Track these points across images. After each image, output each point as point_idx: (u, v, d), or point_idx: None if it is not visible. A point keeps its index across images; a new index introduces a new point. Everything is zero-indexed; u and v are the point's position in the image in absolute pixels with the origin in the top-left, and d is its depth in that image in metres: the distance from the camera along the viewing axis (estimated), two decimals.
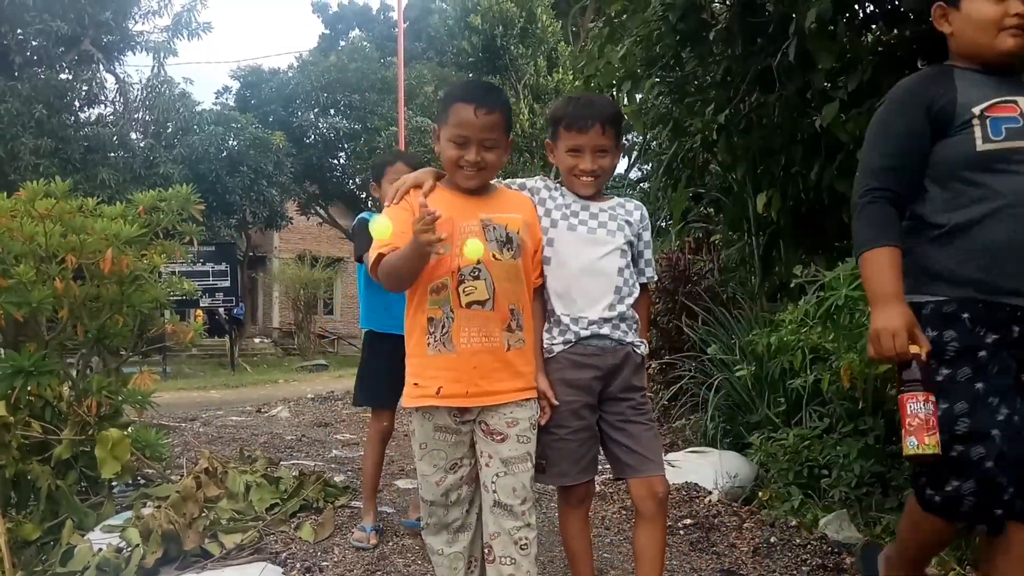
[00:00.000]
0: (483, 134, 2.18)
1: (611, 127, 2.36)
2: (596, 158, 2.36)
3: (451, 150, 2.20)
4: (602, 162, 2.38)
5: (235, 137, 19.33)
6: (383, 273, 2.15)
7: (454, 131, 2.19)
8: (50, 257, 3.53)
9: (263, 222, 21.64)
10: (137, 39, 18.00)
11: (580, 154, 2.36)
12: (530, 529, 2.19)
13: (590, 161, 2.36)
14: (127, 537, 3.09)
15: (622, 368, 2.34)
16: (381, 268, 2.14)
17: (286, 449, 5.74)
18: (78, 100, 17.51)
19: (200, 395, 10.73)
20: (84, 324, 3.65)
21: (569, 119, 2.37)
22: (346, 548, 3.33)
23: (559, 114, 2.43)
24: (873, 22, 4.68)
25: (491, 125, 2.19)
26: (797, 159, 4.66)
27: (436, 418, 2.21)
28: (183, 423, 7.09)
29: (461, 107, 2.18)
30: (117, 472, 3.38)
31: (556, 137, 2.43)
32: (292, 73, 23.74)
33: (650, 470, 2.31)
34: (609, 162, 2.40)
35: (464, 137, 2.18)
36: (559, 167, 2.45)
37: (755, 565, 3.15)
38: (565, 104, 2.48)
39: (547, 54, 21.53)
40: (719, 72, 5.05)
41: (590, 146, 2.35)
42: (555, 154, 2.46)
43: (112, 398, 3.61)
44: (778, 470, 3.98)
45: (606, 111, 2.38)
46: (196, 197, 3.92)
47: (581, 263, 2.32)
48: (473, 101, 2.17)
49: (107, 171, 15.71)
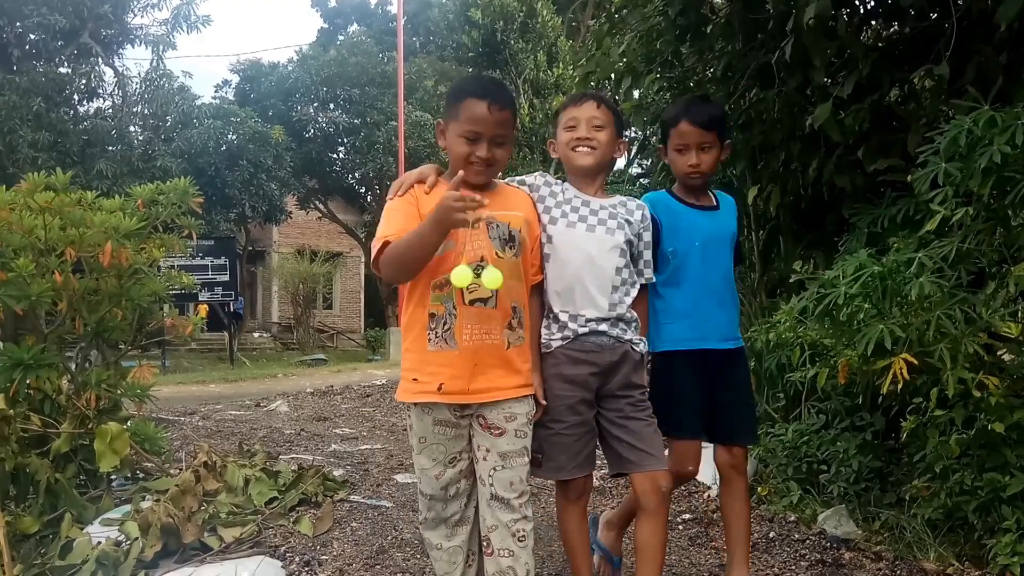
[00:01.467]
0: (495, 130, 2.18)
1: (605, 106, 2.42)
2: (592, 130, 2.38)
3: (462, 146, 2.19)
4: (598, 135, 2.39)
5: (234, 131, 19.28)
6: (390, 259, 2.12)
7: (466, 127, 2.17)
8: (49, 250, 3.53)
9: (262, 216, 21.60)
10: (136, 32, 18.02)
11: (576, 128, 2.39)
12: (527, 521, 2.20)
13: (585, 130, 2.38)
14: (126, 530, 3.09)
15: (620, 365, 2.34)
16: (387, 254, 2.11)
17: (285, 443, 5.75)
18: (77, 93, 17.52)
19: (199, 389, 10.72)
20: (83, 317, 3.65)
21: (567, 102, 2.49)
22: (345, 542, 3.34)
23: (557, 111, 2.48)
24: (873, 18, 4.67)
25: (503, 121, 2.19)
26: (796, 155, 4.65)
27: (435, 412, 2.21)
28: (182, 417, 7.10)
29: (474, 103, 2.16)
30: (116, 466, 3.38)
31: (556, 129, 2.49)
32: (291, 67, 23.68)
33: (652, 465, 2.31)
34: (606, 137, 2.40)
35: (477, 133, 2.17)
36: (559, 148, 2.46)
37: (754, 560, 3.16)
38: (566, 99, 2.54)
39: (547, 49, 21.55)
40: (719, 68, 5.03)
41: (585, 118, 2.38)
42: (555, 143, 2.50)
43: (111, 392, 3.61)
44: (777, 465, 3.99)
45: (601, 94, 2.50)
46: (195, 190, 3.92)
47: (579, 261, 2.32)
48: (487, 97, 2.16)
49: (105, 163, 15.69)
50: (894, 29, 4.46)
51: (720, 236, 2.65)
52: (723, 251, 2.66)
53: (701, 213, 2.65)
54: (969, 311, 3.03)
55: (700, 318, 2.57)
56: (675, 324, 2.57)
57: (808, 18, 3.60)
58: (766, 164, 5.15)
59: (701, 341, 2.57)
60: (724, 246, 2.66)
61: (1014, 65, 3.50)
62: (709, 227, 2.63)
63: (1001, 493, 2.87)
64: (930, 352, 2.98)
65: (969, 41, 3.54)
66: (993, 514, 2.93)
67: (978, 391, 2.92)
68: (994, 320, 3.23)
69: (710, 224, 2.64)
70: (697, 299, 2.57)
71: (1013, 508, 2.85)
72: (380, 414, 7.61)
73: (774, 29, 4.31)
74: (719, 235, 2.65)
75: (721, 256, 2.65)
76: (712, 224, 2.65)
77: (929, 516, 3.15)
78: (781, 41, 4.12)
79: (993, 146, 2.73)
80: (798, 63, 4.12)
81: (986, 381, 2.92)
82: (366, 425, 6.88)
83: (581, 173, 2.42)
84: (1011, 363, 3.30)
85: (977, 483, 2.94)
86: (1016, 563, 2.76)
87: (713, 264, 2.62)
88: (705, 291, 2.59)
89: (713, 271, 2.61)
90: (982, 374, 2.93)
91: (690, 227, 2.60)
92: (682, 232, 2.58)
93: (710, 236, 2.62)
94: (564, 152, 2.43)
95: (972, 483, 2.95)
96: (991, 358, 3.18)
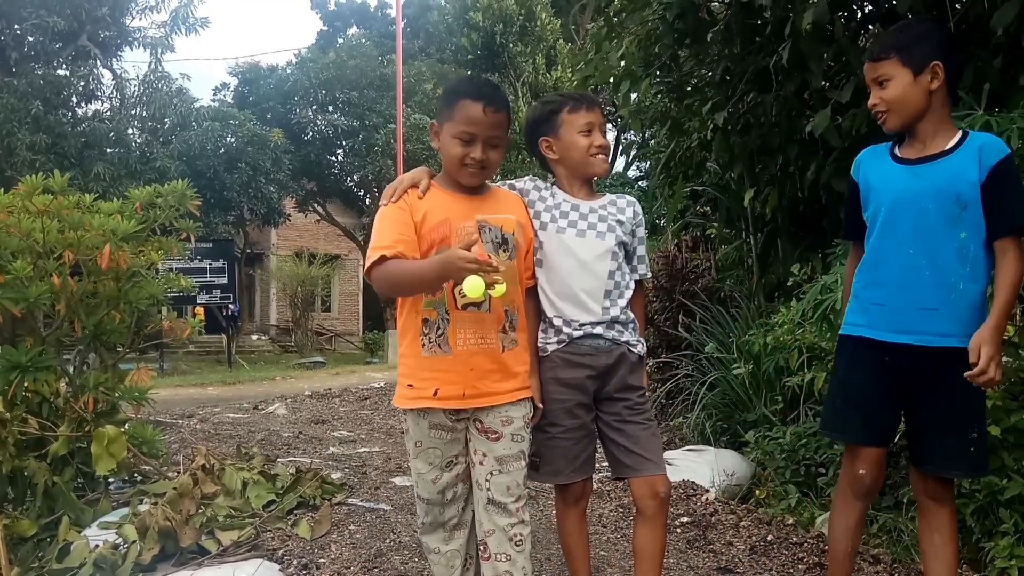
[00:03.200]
0: (490, 132, 2.18)
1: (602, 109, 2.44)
2: (604, 137, 2.40)
3: (456, 147, 2.18)
4: (608, 141, 2.41)
5: (233, 134, 19.26)
6: (385, 277, 2.09)
7: (461, 128, 2.17)
8: (47, 253, 3.52)
9: (260, 219, 21.59)
10: (134, 35, 17.99)
11: (592, 133, 2.36)
12: (524, 525, 2.20)
13: (602, 137, 2.38)
14: (124, 534, 3.09)
15: (617, 368, 2.33)
16: (382, 271, 2.09)
17: (283, 446, 5.75)
18: (75, 96, 17.48)
19: (197, 392, 10.71)
20: (81, 320, 3.65)
21: (572, 103, 2.38)
22: (343, 545, 3.33)
23: (553, 107, 2.41)
24: (870, 23, 4.68)
25: (498, 123, 2.19)
26: (794, 158, 4.67)
27: (431, 417, 2.21)
28: (180, 420, 7.09)
29: (470, 104, 2.16)
30: (113, 469, 3.38)
31: (556, 128, 2.39)
32: (290, 70, 23.67)
33: (650, 470, 2.31)
34: (610, 141, 2.41)
35: (471, 135, 2.16)
36: (572, 152, 2.37)
37: (752, 563, 3.16)
38: (545, 103, 2.47)
39: (546, 52, 21.57)
40: (717, 72, 5.05)
41: (599, 123, 2.38)
42: (556, 143, 2.40)
43: (109, 394, 3.61)
44: (775, 468, 3.99)
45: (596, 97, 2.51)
46: (193, 193, 3.92)
47: (570, 266, 2.32)
48: (482, 99, 2.16)
49: (103, 165, 15.69)
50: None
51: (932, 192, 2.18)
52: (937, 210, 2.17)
53: (903, 168, 2.26)
54: None
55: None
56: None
57: (806, 23, 3.61)
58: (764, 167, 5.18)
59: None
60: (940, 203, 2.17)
61: (1010, 69, 3.52)
62: (910, 184, 2.22)
63: (999, 496, 2.87)
64: None
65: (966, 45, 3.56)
66: (991, 517, 2.93)
67: None
68: None
69: (911, 181, 2.22)
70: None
71: (1011, 511, 2.86)
72: (378, 417, 7.61)
73: (772, 34, 4.32)
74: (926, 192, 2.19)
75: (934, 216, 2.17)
76: (915, 180, 2.21)
77: None
78: (779, 46, 4.14)
79: None
80: (796, 67, 4.14)
81: None
82: (364, 428, 6.88)
83: (595, 178, 2.43)
84: (1008, 366, 3.31)
85: (975, 486, 2.94)
86: (1014, 566, 2.76)
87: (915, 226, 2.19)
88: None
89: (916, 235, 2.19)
90: None
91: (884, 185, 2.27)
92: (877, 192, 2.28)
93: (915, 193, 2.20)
94: (580, 157, 2.36)
95: (970, 486, 2.96)
96: None
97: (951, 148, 2.19)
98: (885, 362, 2.24)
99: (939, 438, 2.23)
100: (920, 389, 2.23)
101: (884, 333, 2.23)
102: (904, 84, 2.20)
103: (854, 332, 2.31)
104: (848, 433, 2.36)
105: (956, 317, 2.16)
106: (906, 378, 2.23)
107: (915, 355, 2.20)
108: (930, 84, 2.19)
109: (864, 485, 2.30)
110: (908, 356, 2.20)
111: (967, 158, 2.15)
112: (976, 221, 2.14)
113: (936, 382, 2.20)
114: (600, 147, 2.36)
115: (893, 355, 2.22)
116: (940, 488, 2.29)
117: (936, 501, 2.30)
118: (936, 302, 2.17)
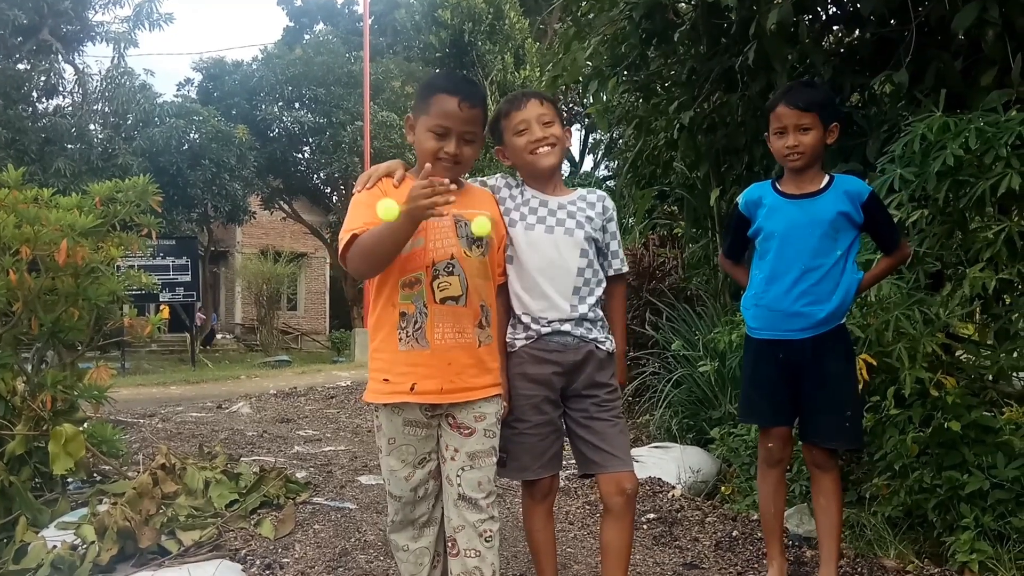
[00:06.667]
0: (465, 127, 2.17)
1: (547, 101, 2.39)
2: (544, 128, 2.34)
3: (431, 141, 2.17)
4: (552, 131, 2.34)
5: (197, 130, 18.99)
6: (359, 251, 2.08)
7: (435, 122, 2.16)
8: (4, 248, 3.45)
9: (225, 216, 21.31)
10: (97, 29, 17.71)
11: (528, 130, 2.34)
12: (493, 521, 2.20)
13: (540, 130, 2.34)
14: (82, 534, 3.03)
15: (584, 365, 2.33)
16: (355, 248, 2.08)
17: (247, 445, 5.68)
18: (36, 91, 17.20)
19: (160, 391, 10.56)
20: (39, 317, 3.58)
21: (505, 107, 2.41)
22: (307, 544, 3.30)
23: (496, 116, 2.41)
24: (834, 24, 4.74)
25: (473, 119, 2.18)
26: (759, 158, 4.71)
27: (406, 413, 2.19)
28: (141, 419, 6.98)
29: (445, 98, 2.15)
30: (71, 468, 3.32)
31: (501, 135, 2.42)
32: (256, 66, 23.40)
33: (617, 467, 2.31)
34: (558, 131, 2.35)
35: (445, 128, 2.15)
36: (514, 155, 2.40)
37: (717, 559, 3.18)
38: (494, 113, 2.47)
39: (514, 51, 21.56)
40: (683, 72, 5.09)
41: (533, 117, 2.34)
42: (505, 150, 2.43)
43: (67, 393, 3.54)
44: (740, 465, 4.02)
45: (537, 91, 2.52)
46: (155, 188, 3.86)
47: (539, 263, 2.31)
48: (458, 93, 2.15)
49: (64, 161, 15.41)
50: (856, 35, 4.53)
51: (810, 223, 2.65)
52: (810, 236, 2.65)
53: (791, 202, 2.69)
54: (927, 312, 3.09)
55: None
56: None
57: (770, 24, 3.65)
58: (730, 167, 5.22)
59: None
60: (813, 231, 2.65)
61: (971, 71, 3.58)
62: (795, 215, 2.67)
63: (960, 491, 2.93)
64: (889, 352, 3.03)
65: (928, 47, 3.62)
66: (952, 512, 2.98)
67: (936, 390, 2.98)
68: (952, 321, 3.29)
69: (797, 213, 2.67)
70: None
71: (971, 506, 2.91)
72: (344, 416, 7.55)
73: (737, 34, 4.37)
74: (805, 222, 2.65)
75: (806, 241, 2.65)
76: (799, 212, 2.66)
77: (889, 514, 3.20)
78: (744, 46, 4.18)
79: (947, 150, 2.79)
80: (761, 68, 4.18)
81: (943, 380, 2.98)
82: (330, 427, 6.83)
83: (546, 174, 2.39)
84: (968, 363, 3.37)
85: (936, 481, 2.99)
86: (974, 560, 2.81)
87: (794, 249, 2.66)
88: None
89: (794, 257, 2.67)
90: (940, 373, 2.99)
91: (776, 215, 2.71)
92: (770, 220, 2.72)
93: (794, 223, 2.66)
94: (522, 157, 2.37)
95: (931, 481, 3.00)
96: (949, 358, 3.24)
97: (823, 188, 2.67)
98: (779, 358, 2.70)
99: (823, 416, 2.70)
100: (805, 376, 2.68)
101: (778, 332, 2.69)
102: (819, 136, 2.63)
103: (756, 335, 2.78)
104: (759, 418, 2.88)
105: (831, 310, 2.63)
106: (795, 367, 2.68)
107: (801, 346, 2.65)
108: (827, 139, 2.66)
109: (773, 456, 2.82)
110: (795, 348, 2.66)
111: (837, 196, 2.64)
112: (846, 242, 2.63)
113: (816, 369, 2.66)
114: (536, 141, 2.34)
115: (785, 350, 2.69)
116: (824, 457, 2.74)
117: (821, 469, 2.75)
118: (819, 302, 2.63)
